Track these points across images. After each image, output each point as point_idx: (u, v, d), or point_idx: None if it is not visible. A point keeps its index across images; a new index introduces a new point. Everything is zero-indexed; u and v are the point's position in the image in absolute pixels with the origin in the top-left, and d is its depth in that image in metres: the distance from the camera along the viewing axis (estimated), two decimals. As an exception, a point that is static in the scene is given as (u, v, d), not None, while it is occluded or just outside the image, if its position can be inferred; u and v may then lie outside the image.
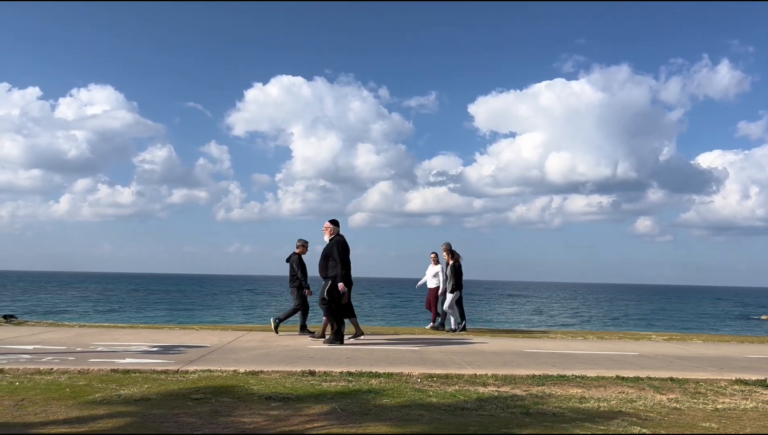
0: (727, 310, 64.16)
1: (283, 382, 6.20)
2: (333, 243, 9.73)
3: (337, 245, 9.67)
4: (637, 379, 6.89)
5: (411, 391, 5.91)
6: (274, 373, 6.65)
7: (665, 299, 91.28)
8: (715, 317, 54.32)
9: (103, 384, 5.86)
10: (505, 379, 6.75)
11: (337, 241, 9.75)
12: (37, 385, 5.76)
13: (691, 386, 6.66)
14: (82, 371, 6.49)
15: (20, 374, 6.28)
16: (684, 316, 52.63)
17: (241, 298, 65.73)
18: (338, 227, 9.98)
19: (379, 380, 6.44)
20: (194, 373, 6.55)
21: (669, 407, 5.60)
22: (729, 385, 6.85)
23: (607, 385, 6.54)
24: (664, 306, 69.33)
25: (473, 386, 6.30)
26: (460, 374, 6.91)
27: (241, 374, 6.57)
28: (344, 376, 6.61)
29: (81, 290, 75.59)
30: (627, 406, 5.55)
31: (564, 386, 6.42)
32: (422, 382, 6.46)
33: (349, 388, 6.03)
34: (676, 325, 39.34)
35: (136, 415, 4.76)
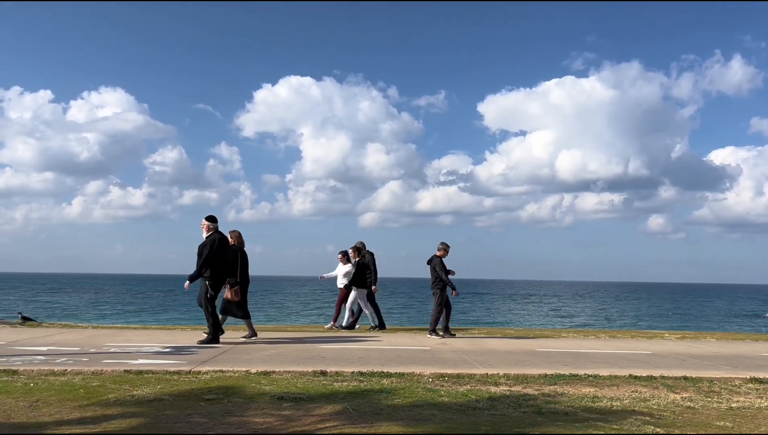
0: (735, 309, 63.57)
1: (295, 382, 6.21)
2: (206, 242, 9.34)
3: (210, 244, 9.26)
4: (651, 378, 6.85)
5: (422, 391, 5.91)
6: (285, 374, 6.67)
7: (677, 297, 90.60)
8: (723, 314, 53.90)
9: (116, 385, 5.90)
10: (517, 378, 6.73)
11: (210, 240, 9.32)
12: (51, 386, 5.82)
13: (705, 385, 6.60)
14: (95, 372, 6.54)
15: (35, 375, 6.34)
16: (694, 314, 52.25)
17: (255, 299, 65.94)
18: (215, 224, 9.53)
19: (390, 380, 6.44)
20: (206, 373, 6.59)
21: (683, 406, 5.56)
22: (743, 383, 6.79)
23: (620, 384, 6.50)
24: (675, 304, 68.83)
25: (485, 386, 6.29)
26: (471, 374, 6.89)
27: (253, 374, 6.59)
28: (356, 376, 6.62)
29: (94, 292, 76.17)
30: (640, 405, 5.51)
31: (576, 385, 6.39)
32: (433, 381, 6.46)
33: (360, 387, 6.03)
34: (689, 325, 39.02)
35: (149, 416, 4.79)
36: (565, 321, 40.57)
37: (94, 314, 38.94)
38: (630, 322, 39.95)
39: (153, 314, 40.95)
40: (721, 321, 46.28)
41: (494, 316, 44.36)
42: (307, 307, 51.51)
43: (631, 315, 48.04)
